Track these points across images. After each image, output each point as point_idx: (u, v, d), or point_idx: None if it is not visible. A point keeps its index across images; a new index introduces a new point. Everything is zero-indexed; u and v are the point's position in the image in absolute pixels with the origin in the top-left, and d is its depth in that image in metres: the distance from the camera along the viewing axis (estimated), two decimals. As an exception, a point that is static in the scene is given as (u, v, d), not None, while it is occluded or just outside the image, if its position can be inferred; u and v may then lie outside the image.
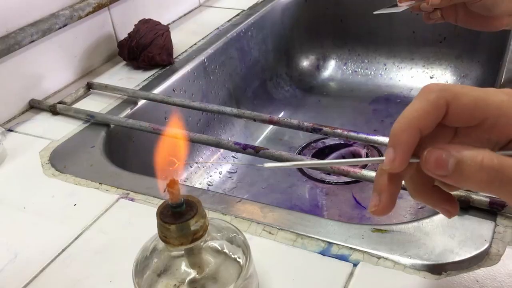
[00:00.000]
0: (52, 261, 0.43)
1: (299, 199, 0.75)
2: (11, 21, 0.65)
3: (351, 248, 0.41)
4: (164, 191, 0.32)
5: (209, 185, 0.78)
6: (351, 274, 0.38)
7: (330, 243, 0.41)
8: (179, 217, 0.33)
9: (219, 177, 0.80)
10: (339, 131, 0.54)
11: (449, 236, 0.40)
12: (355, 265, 0.39)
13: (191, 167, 0.78)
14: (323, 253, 0.41)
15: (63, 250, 0.44)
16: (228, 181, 0.80)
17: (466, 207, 0.42)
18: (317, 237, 0.42)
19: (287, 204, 0.74)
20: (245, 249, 0.36)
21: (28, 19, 0.66)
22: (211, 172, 0.81)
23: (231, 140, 0.63)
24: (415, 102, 0.27)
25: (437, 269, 0.38)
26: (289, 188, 0.77)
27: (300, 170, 0.80)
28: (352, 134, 0.53)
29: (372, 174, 0.47)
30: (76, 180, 0.53)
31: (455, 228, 0.41)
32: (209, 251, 0.36)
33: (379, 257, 0.39)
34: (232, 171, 0.82)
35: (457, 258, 0.38)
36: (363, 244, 0.41)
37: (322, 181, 0.77)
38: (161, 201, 0.48)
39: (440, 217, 0.42)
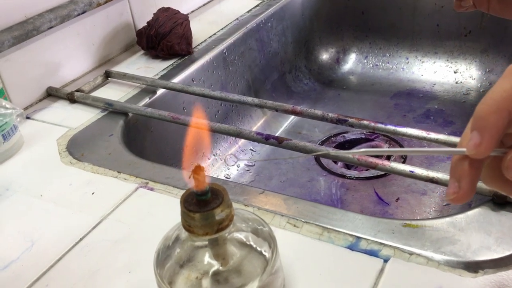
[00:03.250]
0: (69, 250, 0.42)
1: (319, 193, 0.73)
2: (30, 6, 0.63)
3: (381, 243, 0.39)
4: (190, 177, 0.31)
5: (226, 178, 0.77)
6: (382, 270, 0.37)
7: (358, 237, 0.40)
8: (204, 206, 0.31)
9: (237, 170, 0.79)
10: (365, 122, 0.52)
11: (486, 232, 0.38)
12: (385, 261, 0.37)
13: (208, 159, 0.77)
14: (351, 247, 0.39)
15: (81, 239, 0.43)
16: (246, 174, 0.78)
17: (503, 202, 0.40)
18: (345, 231, 0.40)
19: (306, 199, 0.72)
20: (271, 242, 0.34)
21: (47, 5, 0.65)
22: (229, 165, 0.79)
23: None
24: (503, 81, 0.24)
25: (473, 266, 0.36)
26: (308, 183, 0.75)
27: (320, 164, 0.78)
28: (380, 125, 0.51)
29: (402, 167, 0.45)
30: (94, 168, 0.52)
31: (492, 224, 0.39)
32: (234, 243, 0.34)
33: (411, 253, 0.38)
34: (250, 164, 0.80)
35: (495, 256, 0.36)
36: (394, 239, 0.39)
37: (343, 176, 0.75)
38: (181, 191, 0.47)
39: (474, 213, 0.40)
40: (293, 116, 0.90)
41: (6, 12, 0.61)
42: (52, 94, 0.67)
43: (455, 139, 0.48)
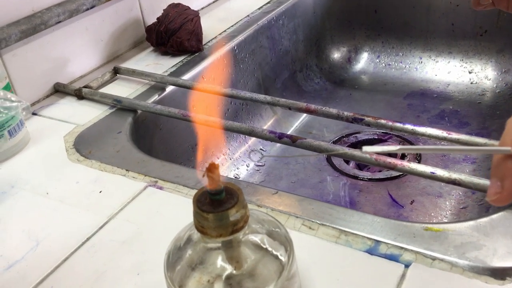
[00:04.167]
0: (75, 250, 0.40)
1: (330, 195, 0.72)
2: (38, 0, 0.62)
3: (402, 248, 0.37)
4: (203, 176, 0.29)
5: (236, 177, 0.75)
6: (403, 275, 0.35)
7: (377, 241, 0.38)
8: (218, 206, 0.30)
9: (247, 170, 0.77)
10: (382, 121, 0.50)
11: (512, 237, 0.36)
12: (406, 266, 0.35)
13: (218, 158, 0.75)
14: (370, 252, 0.37)
15: (88, 239, 0.41)
16: (256, 174, 0.77)
17: (530, 206, 0.38)
18: (363, 234, 0.38)
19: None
20: (288, 246, 0.33)
21: (55, -1, 0.64)
22: (238, 164, 0.77)
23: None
24: None
25: (500, 273, 0.34)
26: (320, 184, 0.74)
27: (332, 164, 0.76)
28: (398, 125, 0.49)
29: (422, 168, 0.43)
30: (102, 166, 0.50)
31: (519, 229, 0.37)
32: (248, 245, 0.32)
33: (433, 258, 0.36)
34: (260, 164, 0.78)
35: (524, 263, 0.34)
36: (415, 244, 0.37)
37: (355, 177, 0.73)
38: (192, 191, 0.45)
39: (500, 217, 0.38)
40: (304, 116, 0.88)
41: (14, 5, 0.60)
42: (59, 90, 0.66)
43: (477, 139, 0.46)
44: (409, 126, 0.48)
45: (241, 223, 0.30)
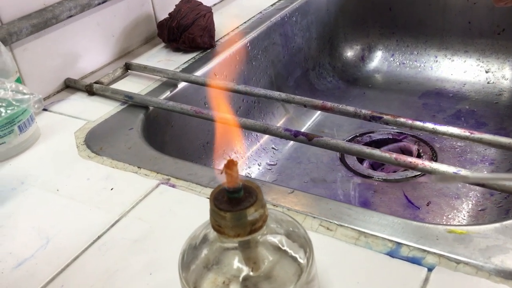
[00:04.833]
0: (86, 249, 0.39)
1: (344, 195, 0.70)
2: (50, -6, 0.61)
3: (424, 250, 0.35)
4: (221, 173, 0.28)
5: (247, 177, 0.74)
6: (426, 279, 0.33)
7: (398, 243, 0.36)
8: (236, 204, 0.28)
9: (258, 169, 0.76)
10: (402, 119, 0.48)
11: (541, 241, 0.35)
12: (430, 269, 0.34)
13: (229, 157, 0.74)
14: (391, 254, 0.36)
15: (99, 237, 0.40)
16: (267, 174, 0.75)
17: (559, 209, 0.37)
18: (383, 236, 0.37)
19: (331, 200, 0.69)
20: (307, 247, 0.31)
21: (66, -7, 0.63)
22: (250, 163, 0.76)
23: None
24: None
25: (529, 279, 0.32)
26: (333, 183, 0.72)
27: (345, 164, 0.75)
28: (418, 123, 0.47)
29: (444, 168, 0.41)
30: (113, 163, 0.49)
31: (547, 232, 0.35)
32: (266, 246, 0.31)
33: (458, 262, 0.34)
34: (272, 163, 0.77)
35: (554, 268, 0.33)
36: (438, 246, 0.35)
37: (370, 177, 0.72)
38: (205, 189, 0.44)
39: (526, 219, 0.37)
40: (316, 115, 0.87)
41: (25, -1, 0.59)
42: (70, 86, 0.65)
43: (500, 139, 0.44)
44: (429, 125, 0.47)
45: (260, 222, 0.29)
